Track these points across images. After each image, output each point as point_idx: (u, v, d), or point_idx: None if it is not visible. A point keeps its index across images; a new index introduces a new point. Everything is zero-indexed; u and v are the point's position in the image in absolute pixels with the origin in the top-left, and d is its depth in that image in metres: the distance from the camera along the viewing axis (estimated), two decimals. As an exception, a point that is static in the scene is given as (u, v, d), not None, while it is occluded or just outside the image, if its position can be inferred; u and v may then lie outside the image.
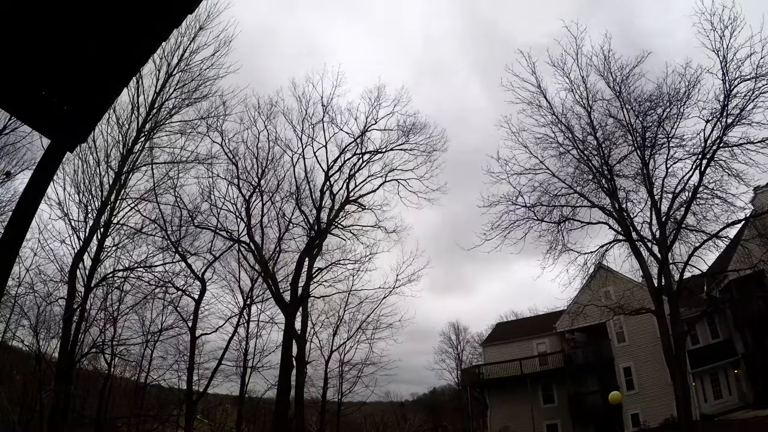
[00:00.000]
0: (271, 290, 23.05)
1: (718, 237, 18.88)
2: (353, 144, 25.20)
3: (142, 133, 17.01)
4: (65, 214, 15.31)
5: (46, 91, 2.88)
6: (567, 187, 21.47)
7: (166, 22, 2.63)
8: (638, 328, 28.66)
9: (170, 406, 21.50)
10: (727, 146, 18.51)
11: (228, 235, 22.63)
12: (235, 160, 23.38)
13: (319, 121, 24.80)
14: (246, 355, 26.60)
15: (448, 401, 61.95)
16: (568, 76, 21.37)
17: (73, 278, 14.28)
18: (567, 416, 30.83)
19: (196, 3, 2.59)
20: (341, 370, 30.31)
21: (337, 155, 25.14)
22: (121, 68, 2.83)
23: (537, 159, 21.68)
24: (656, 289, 19.73)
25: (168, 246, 18.78)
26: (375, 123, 25.10)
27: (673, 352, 18.64)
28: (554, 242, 20.95)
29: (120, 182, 16.30)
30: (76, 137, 3.16)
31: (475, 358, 52.72)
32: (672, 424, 23.73)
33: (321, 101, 24.62)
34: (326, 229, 24.54)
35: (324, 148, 25.06)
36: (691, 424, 19.28)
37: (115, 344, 16.98)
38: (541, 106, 21.73)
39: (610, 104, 21.08)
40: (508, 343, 35.67)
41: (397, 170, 25.64)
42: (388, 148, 25.43)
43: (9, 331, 17.28)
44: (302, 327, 24.67)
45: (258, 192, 23.83)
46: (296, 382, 22.86)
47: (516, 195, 21.48)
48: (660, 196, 20.10)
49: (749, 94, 17.79)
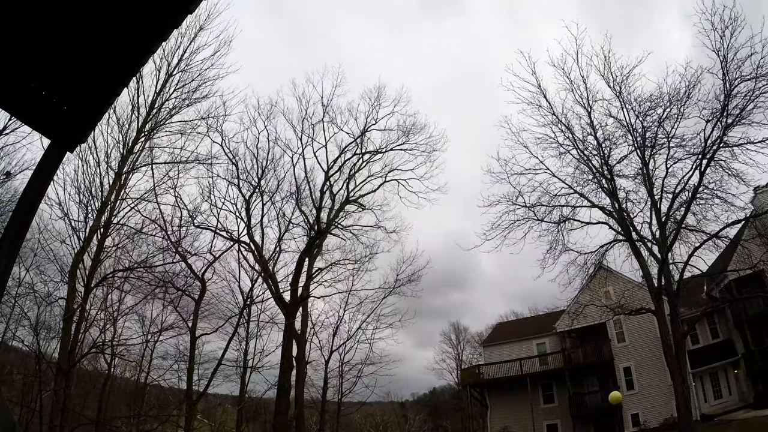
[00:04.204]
0: (271, 290, 23.05)
1: (718, 237, 18.87)
2: (353, 144, 25.25)
3: (142, 133, 16.99)
4: (65, 214, 15.28)
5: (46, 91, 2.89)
6: (567, 187, 21.51)
7: (166, 23, 2.64)
8: (638, 328, 28.67)
9: (170, 406, 21.46)
10: (727, 146, 18.52)
11: (228, 235, 22.63)
12: (235, 161, 23.42)
13: (319, 121, 24.86)
14: (246, 355, 26.56)
15: (448, 401, 61.98)
16: (568, 76, 21.42)
17: (73, 278, 14.25)
18: (567, 416, 30.83)
19: (196, 3, 2.59)
20: (341, 370, 30.30)
21: (337, 155, 25.19)
22: (121, 68, 2.84)
23: (537, 159, 21.73)
24: (656, 289, 19.73)
25: (168, 246, 18.73)
26: (375, 123, 25.16)
27: (673, 352, 18.65)
28: (554, 242, 20.99)
29: (120, 182, 16.27)
30: (76, 137, 3.16)
31: (475, 358, 52.77)
32: (672, 424, 23.75)
33: (321, 101, 24.67)
34: (326, 229, 24.55)
35: (324, 148, 25.12)
36: (691, 424, 19.29)
37: (115, 344, 16.94)
38: (541, 106, 21.79)
39: (610, 104, 21.12)
40: (508, 343, 35.66)
41: (397, 170, 25.70)
42: (388, 148, 25.48)
43: (9, 331, 17.30)
44: (302, 327, 24.69)
45: (258, 192, 23.85)
46: (296, 382, 22.88)
47: (516, 195, 21.53)
48: (660, 196, 20.10)
49: (749, 94, 17.81)
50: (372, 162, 25.75)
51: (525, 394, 31.80)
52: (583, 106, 21.37)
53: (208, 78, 18.25)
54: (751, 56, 17.40)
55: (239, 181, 23.44)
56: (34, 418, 14.31)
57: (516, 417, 32.15)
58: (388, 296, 26.94)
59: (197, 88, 18.13)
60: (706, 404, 26.54)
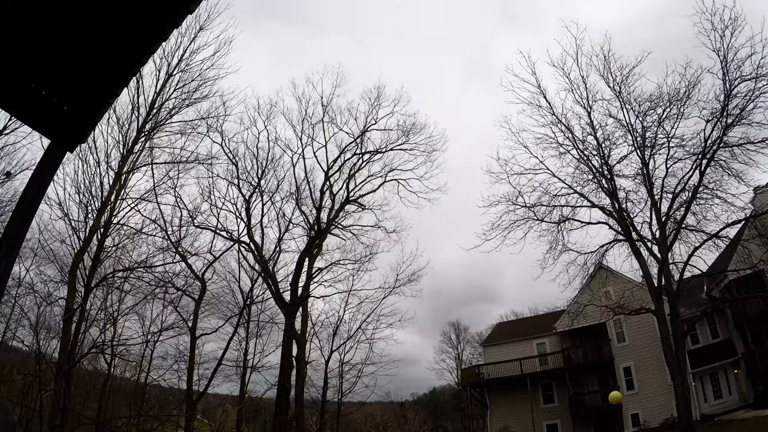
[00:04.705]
0: (271, 290, 23.05)
1: (718, 237, 18.88)
2: (353, 144, 25.25)
3: (143, 133, 16.99)
4: (65, 214, 15.27)
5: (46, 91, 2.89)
6: (567, 187, 21.52)
7: (166, 23, 2.64)
8: (638, 328, 28.66)
9: (170, 406, 21.45)
10: (727, 146, 18.53)
11: (228, 235, 22.64)
12: (235, 161, 23.43)
13: (319, 121, 24.87)
14: (246, 355, 26.60)
15: (448, 401, 61.98)
16: (567, 76, 21.43)
17: (73, 278, 14.25)
18: (567, 416, 30.82)
19: (196, 3, 2.59)
20: (341, 370, 30.30)
21: (337, 155, 25.19)
22: (121, 68, 2.84)
23: (537, 159, 21.74)
24: (656, 289, 19.73)
25: (168, 246, 18.73)
26: (375, 123, 25.16)
27: (673, 352, 18.65)
28: (554, 242, 21.00)
29: (120, 182, 16.27)
30: (76, 137, 3.16)
31: (475, 358, 52.77)
32: (672, 424, 23.73)
33: (321, 101, 24.67)
34: (326, 229, 24.55)
35: (324, 148, 25.12)
36: (691, 424, 19.28)
37: (115, 344, 16.93)
38: (541, 107, 21.80)
39: (610, 104, 21.15)
40: (508, 343, 35.65)
41: (397, 170, 25.71)
42: (388, 148, 25.49)
43: (9, 331, 17.29)
44: (302, 327, 24.68)
45: (258, 192, 23.86)
46: (296, 382, 22.87)
47: (516, 195, 21.53)
48: (660, 196, 20.11)
49: (749, 94, 17.83)
50: (372, 162, 25.79)
51: (525, 394, 31.79)
52: (583, 106, 21.41)
53: (208, 78, 18.28)
54: (751, 56, 17.44)
55: (239, 181, 23.48)
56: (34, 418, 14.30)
57: (516, 417, 32.14)
58: (388, 296, 26.95)
59: (197, 89, 18.16)
60: (706, 404, 26.52)
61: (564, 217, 21.36)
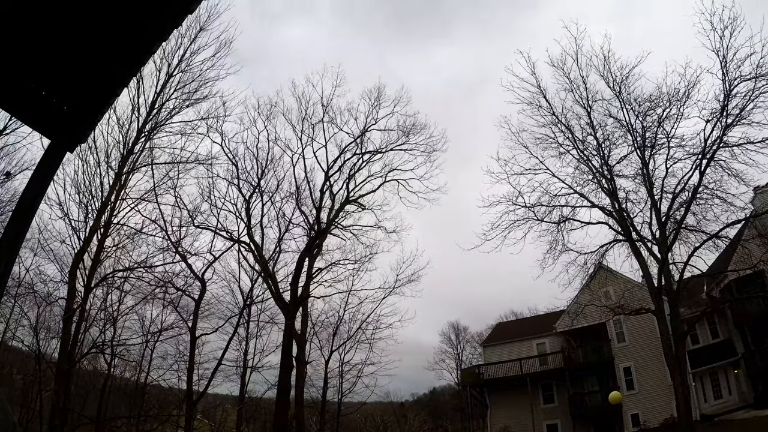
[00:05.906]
0: (271, 290, 23.04)
1: (718, 237, 18.87)
2: (353, 144, 25.21)
3: (143, 133, 17.01)
4: (65, 214, 15.31)
5: (46, 91, 2.89)
6: (567, 187, 21.52)
7: (166, 23, 2.64)
8: (638, 328, 28.66)
9: (170, 406, 21.47)
10: (727, 146, 18.53)
11: (228, 235, 22.64)
12: (235, 161, 23.41)
13: (319, 121, 24.83)
14: (246, 355, 26.61)
15: (448, 401, 61.98)
16: (567, 76, 21.43)
17: (73, 278, 14.26)
18: (567, 416, 30.81)
19: (196, 3, 2.59)
20: (341, 370, 30.29)
21: (337, 155, 25.15)
22: (121, 69, 2.84)
23: (537, 159, 21.74)
24: (656, 289, 19.73)
25: (168, 246, 18.76)
26: (375, 123, 25.12)
27: (673, 352, 18.64)
28: (554, 242, 20.99)
29: (120, 182, 16.30)
30: (76, 137, 3.16)
31: (475, 358, 52.81)
32: (672, 424, 23.74)
33: (321, 101, 24.65)
34: (326, 229, 24.53)
35: (324, 148, 25.08)
36: (691, 424, 19.28)
37: (115, 344, 16.96)
38: (541, 107, 21.80)
39: (610, 104, 21.15)
40: (508, 343, 35.64)
41: (397, 170, 25.64)
42: (388, 148, 25.44)
43: (9, 331, 17.31)
44: (302, 327, 24.67)
45: (258, 192, 23.84)
46: (296, 382, 22.86)
47: (516, 195, 21.54)
48: (660, 196, 20.10)
49: (749, 94, 17.83)
50: (372, 162, 25.74)
51: (525, 394, 31.78)
52: (583, 106, 21.40)
53: (209, 78, 18.32)
54: (750, 56, 17.45)
55: (239, 181, 23.45)
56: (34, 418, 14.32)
57: (516, 417, 32.13)
58: (388, 296, 26.92)
59: (197, 89, 18.19)
60: (706, 404, 26.51)
61: (564, 217, 21.38)
